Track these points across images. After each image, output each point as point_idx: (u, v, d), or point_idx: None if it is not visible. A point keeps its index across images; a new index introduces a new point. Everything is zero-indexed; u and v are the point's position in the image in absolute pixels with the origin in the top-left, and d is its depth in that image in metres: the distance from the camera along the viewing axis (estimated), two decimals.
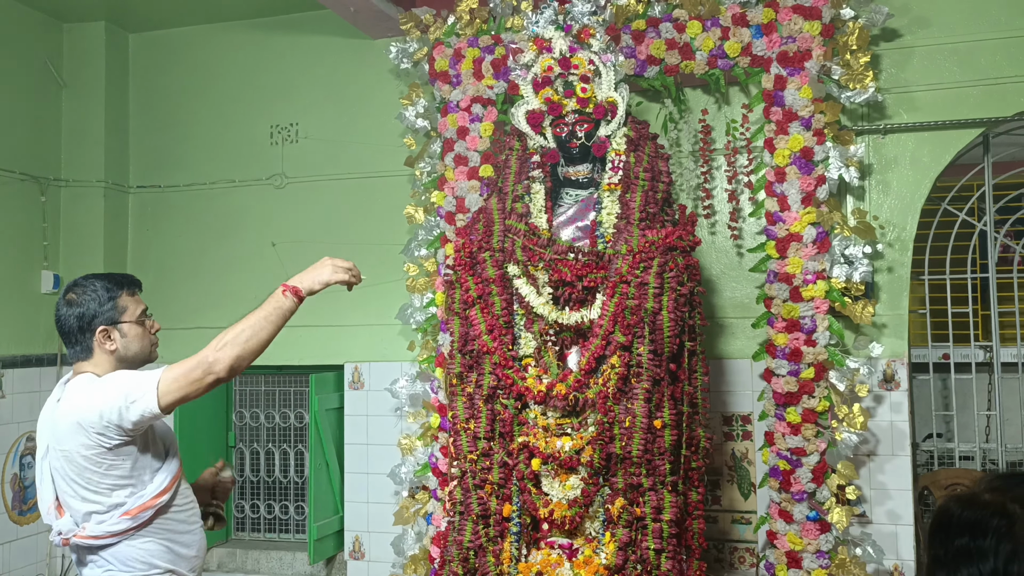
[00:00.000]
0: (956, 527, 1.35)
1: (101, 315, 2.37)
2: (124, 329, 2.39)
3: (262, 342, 2.31)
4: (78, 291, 2.39)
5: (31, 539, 4.62)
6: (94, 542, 2.31)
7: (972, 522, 1.34)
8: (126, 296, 2.42)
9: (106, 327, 2.37)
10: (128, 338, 2.40)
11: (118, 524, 2.30)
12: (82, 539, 2.31)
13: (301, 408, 4.93)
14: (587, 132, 3.46)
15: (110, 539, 2.31)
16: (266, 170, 4.82)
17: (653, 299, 3.12)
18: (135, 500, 2.31)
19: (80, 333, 2.37)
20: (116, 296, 2.40)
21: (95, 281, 2.41)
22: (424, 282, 4.19)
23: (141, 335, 2.43)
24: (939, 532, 1.38)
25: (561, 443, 3.16)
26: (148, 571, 2.35)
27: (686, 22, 3.85)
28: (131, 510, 2.30)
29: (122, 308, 2.40)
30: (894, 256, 3.86)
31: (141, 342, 2.43)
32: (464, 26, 4.16)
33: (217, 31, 4.95)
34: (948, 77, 3.82)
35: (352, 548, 4.53)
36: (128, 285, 2.45)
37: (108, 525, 2.30)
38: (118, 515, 2.30)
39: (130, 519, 2.30)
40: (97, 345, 2.37)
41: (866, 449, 3.82)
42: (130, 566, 2.33)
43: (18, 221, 4.68)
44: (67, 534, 2.32)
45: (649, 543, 3.03)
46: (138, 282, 2.50)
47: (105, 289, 2.40)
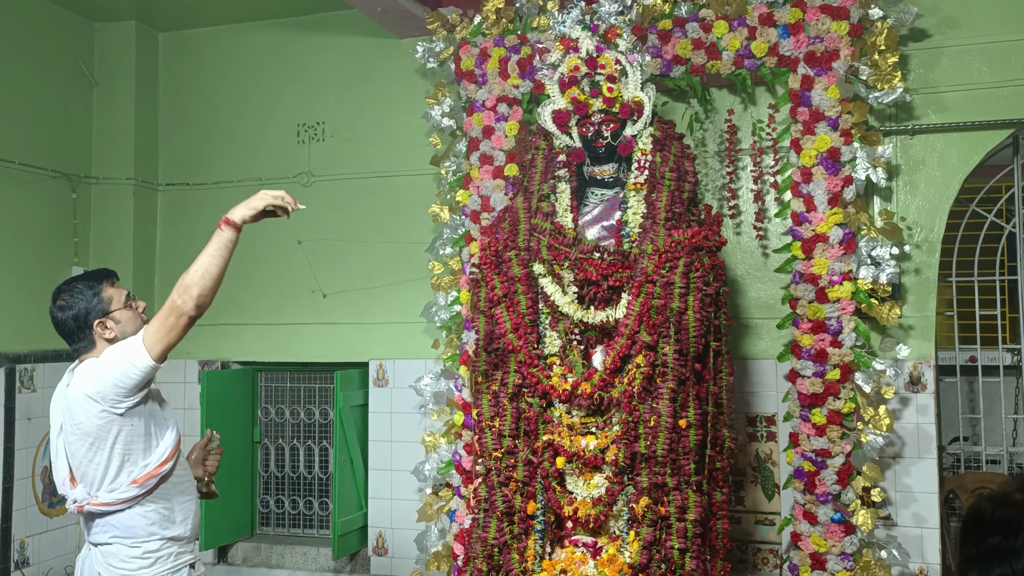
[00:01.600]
0: (988, 526, 1.36)
1: (93, 310, 2.62)
2: (116, 316, 2.64)
3: (215, 276, 2.49)
4: (66, 296, 2.64)
5: (60, 531, 4.68)
6: (106, 509, 2.56)
7: (1004, 521, 1.35)
8: (108, 288, 2.66)
9: (101, 319, 2.62)
10: (122, 323, 2.64)
11: (127, 492, 2.55)
12: (95, 506, 2.56)
13: (326, 405, 4.96)
14: (613, 132, 3.46)
15: (119, 506, 2.56)
16: (293, 168, 4.86)
17: (679, 299, 3.12)
18: (141, 469, 2.56)
19: (80, 331, 2.62)
20: (99, 291, 2.64)
21: (76, 283, 2.66)
22: (449, 280, 4.21)
23: (132, 317, 2.67)
24: (971, 531, 1.38)
25: (586, 442, 3.17)
26: (148, 538, 2.59)
27: (712, 22, 3.84)
28: (138, 478, 2.56)
29: (108, 299, 2.64)
30: (921, 257, 3.84)
31: (135, 323, 2.66)
32: (490, 26, 4.17)
33: (245, 30, 5.00)
34: (977, 78, 3.79)
35: (376, 544, 4.56)
36: (106, 277, 2.69)
37: (118, 493, 2.55)
38: (127, 483, 2.55)
39: (138, 487, 2.55)
40: (97, 337, 2.62)
41: (892, 451, 3.80)
42: (133, 532, 2.58)
43: (49, 217, 4.75)
44: (81, 502, 2.57)
45: (673, 542, 3.03)
46: (114, 272, 2.73)
47: (88, 287, 2.64)
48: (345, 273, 4.74)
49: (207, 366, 4.92)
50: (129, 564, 2.58)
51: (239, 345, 4.90)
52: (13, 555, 4.39)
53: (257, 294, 4.86)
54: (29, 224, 4.62)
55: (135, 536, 2.58)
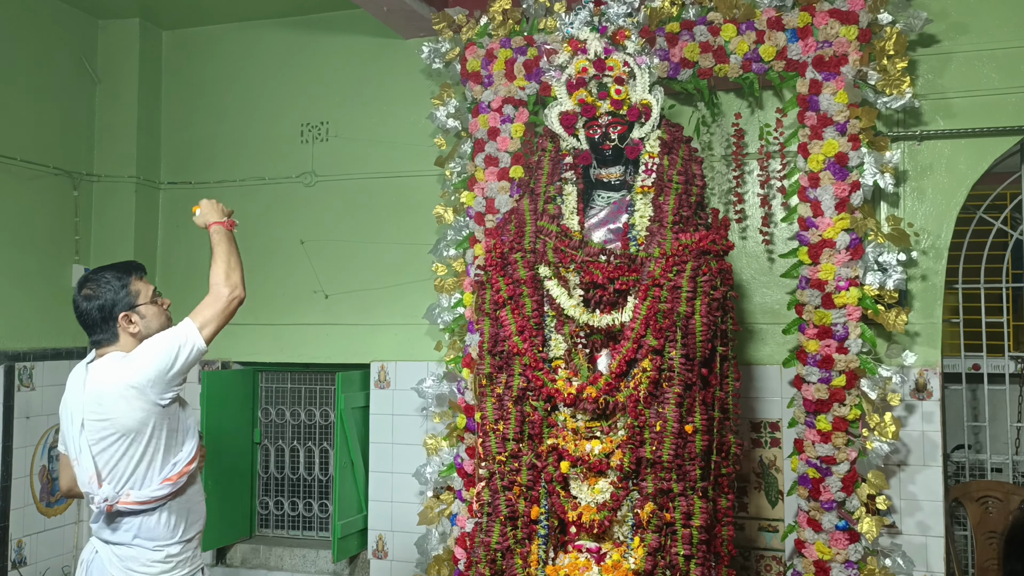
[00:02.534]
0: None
1: (120, 303, 2.59)
2: (142, 311, 2.62)
3: (240, 260, 2.68)
4: (93, 285, 2.60)
5: (58, 530, 4.65)
6: (136, 507, 2.52)
7: None
8: (136, 281, 2.64)
9: (127, 312, 2.59)
10: (147, 318, 2.62)
11: (160, 490, 2.53)
12: (125, 504, 2.51)
13: (327, 406, 4.94)
14: (620, 134, 3.44)
15: (151, 504, 2.52)
16: (296, 168, 4.83)
17: (686, 303, 3.10)
18: (172, 467, 2.55)
19: (104, 323, 2.58)
20: (128, 283, 2.62)
21: (104, 273, 2.63)
22: (452, 282, 4.19)
23: (157, 313, 2.66)
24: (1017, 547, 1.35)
25: (591, 446, 3.14)
26: (170, 542, 2.57)
27: (720, 25, 3.82)
28: (171, 476, 2.54)
29: (135, 292, 2.62)
30: (928, 264, 3.82)
31: (159, 319, 2.65)
32: (497, 27, 4.15)
33: (250, 29, 4.98)
34: (986, 84, 3.78)
35: (376, 547, 4.53)
36: (135, 270, 2.67)
37: (151, 491, 2.52)
38: (159, 481, 2.53)
39: (171, 484, 2.54)
40: (121, 330, 2.59)
41: (897, 459, 3.78)
42: (156, 535, 2.55)
43: (50, 215, 4.72)
44: (111, 500, 2.50)
45: (679, 549, 3.00)
46: (142, 266, 2.71)
47: (117, 278, 2.61)
48: (348, 274, 4.71)
49: (207, 366, 4.89)
50: (151, 568, 2.55)
51: (240, 345, 4.87)
52: (10, 554, 4.36)
53: (259, 294, 4.81)
54: (30, 221, 4.60)
55: (157, 539, 2.55)
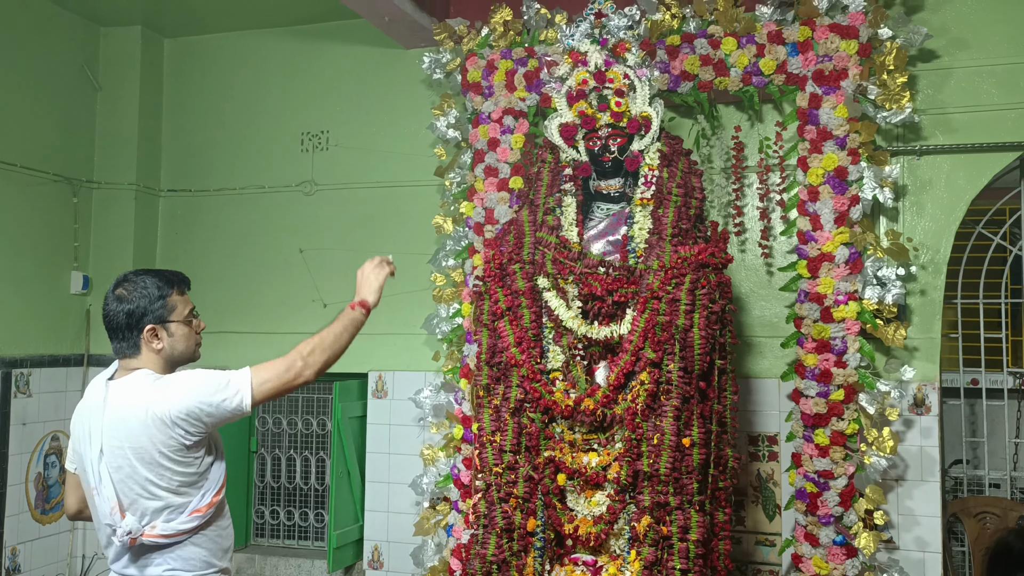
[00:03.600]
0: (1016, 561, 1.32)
1: (151, 313, 2.36)
2: (172, 328, 2.39)
3: (341, 350, 2.46)
4: (129, 287, 2.38)
5: (53, 538, 4.63)
6: (163, 540, 2.30)
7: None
8: (176, 295, 2.42)
9: (154, 326, 2.36)
10: (175, 338, 2.40)
11: (189, 522, 2.31)
12: (150, 538, 2.29)
13: (324, 415, 4.92)
14: (620, 146, 3.44)
15: (179, 537, 2.30)
16: (296, 177, 4.83)
17: (684, 316, 3.10)
18: (202, 499, 2.33)
19: (128, 330, 2.36)
20: (167, 295, 2.39)
21: (146, 278, 2.40)
22: (451, 292, 4.19)
23: (187, 335, 2.43)
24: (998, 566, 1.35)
25: (588, 459, 3.14)
26: (206, 570, 2.36)
27: (721, 38, 3.83)
28: (200, 507, 2.32)
29: (171, 307, 2.40)
30: (927, 279, 3.82)
31: (187, 342, 2.44)
32: (498, 38, 4.16)
33: (251, 38, 4.99)
34: (986, 99, 3.78)
35: (371, 557, 4.51)
36: (178, 284, 2.45)
37: (179, 523, 2.30)
38: (187, 514, 2.31)
39: (200, 516, 2.32)
40: (144, 343, 2.37)
41: (895, 474, 3.77)
42: (193, 565, 2.34)
43: (50, 221, 4.72)
44: (135, 533, 2.28)
45: (675, 563, 2.99)
46: (187, 280, 2.51)
47: (156, 287, 2.39)
48: (346, 283, 4.64)
49: None
50: None
51: (238, 353, 4.84)
52: (4, 562, 4.34)
53: (258, 302, 4.83)
54: (29, 228, 4.59)
55: (195, 569, 2.34)
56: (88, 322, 4.86)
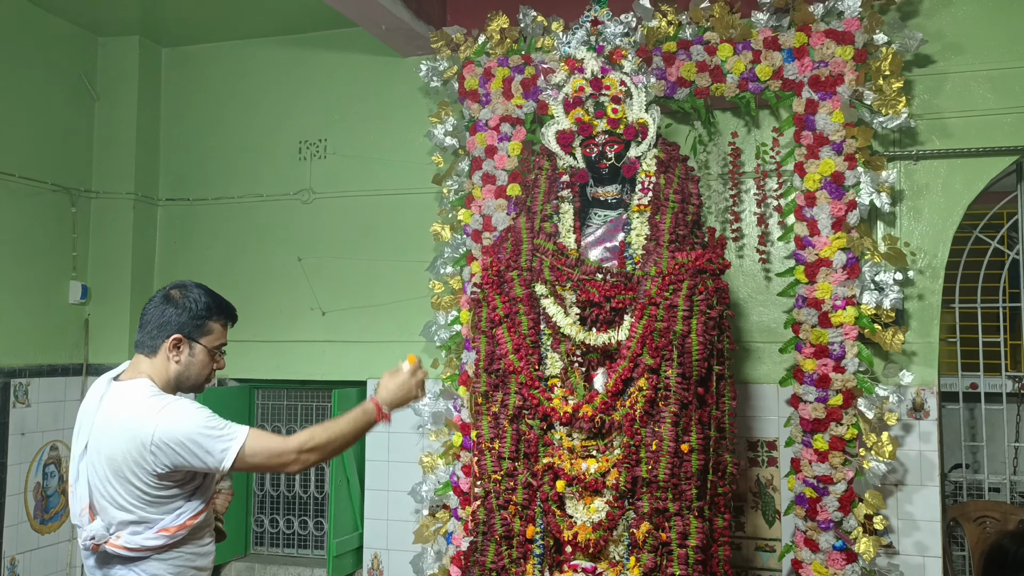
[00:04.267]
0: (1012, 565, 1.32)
1: (186, 325, 2.36)
2: (196, 350, 2.38)
3: (340, 451, 2.41)
4: (182, 292, 2.39)
5: (52, 548, 4.62)
6: (126, 553, 2.25)
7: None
8: (217, 323, 2.42)
9: (181, 337, 2.35)
10: (194, 360, 2.38)
11: (155, 540, 2.26)
12: (113, 547, 2.25)
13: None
14: (617, 153, 3.45)
15: (143, 553, 2.26)
16: (294, 185, 4.84)
17: (682, 322, 3.10)
18: (174, 519, 2.29)
19: (158, 329, 2.35)
20: (210, 317, 2.39)
21: (202, 294, 2.41)
22: (449, 300, 4.19)
23: (206, 364, 2.41)
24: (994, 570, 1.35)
25: (586, 465, 3.13)
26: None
27: (717, 45, 3.84)
28: (169, 528, 2.28)
29: (207, 331, 2.39)
30: (925, 283, 3.82)
31: (202, 370, 2.41)
32: (494, 45, 4.17)
33: (249, 47, 5.00)
34: (981, 104, 3.79)
35: (371, 566, 4.50)
36: (227, 315, 2.46)
37: (143, 539, 2.26)
38: (155, 531, 2.26)
39: (167, 536, 2.27)
40: (164, 350, 2.35)
41: (894, 478, 3.77)
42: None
43: (48, 231, 4.72)
44: (99, 540, 2.25)
45: (675, 569, 2.99)
46: (236, 316, 2.50)
47: (206, 306, 2.39)
48: (345, 291, 4.71)
49: None
50: None
51: (236, 362, 4.82)
52: (4, 572, 4.33)
53: (256, 311, 4.82)
54: (28, 237, 4.60)
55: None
56: (87, 331, 4.86)
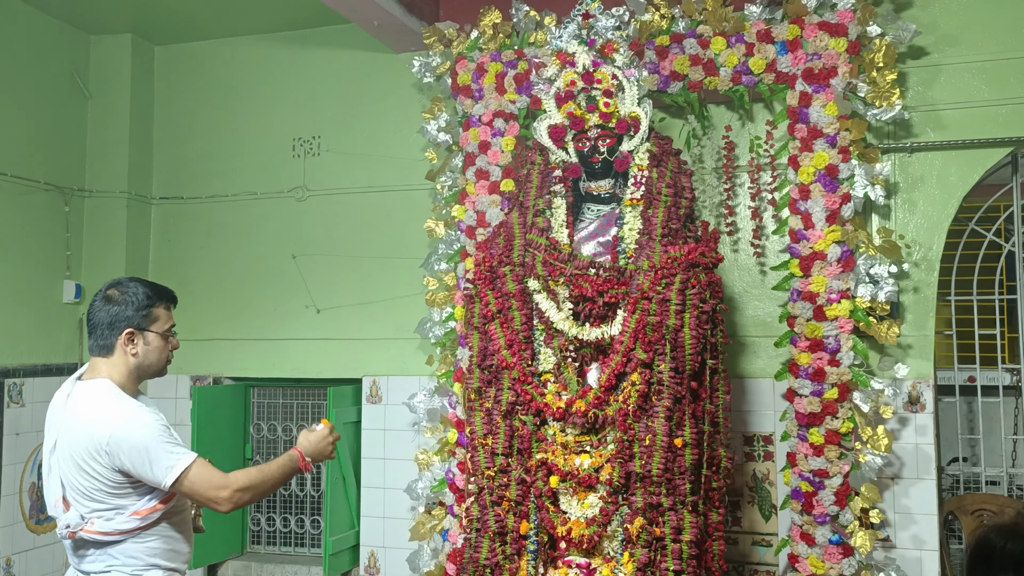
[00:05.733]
0: (999, 560, 1.30)
1: (133, 318, 2.47)
2: (149, 338, 2.50)
3: (267, 494, 2.61)
4: (120, 290, 2.50)
5: (48, 548, 4.62)
6: (101, 538, 2.38)
7: (1017, 555, 1.28)
8: (161, 308, 2.54)
9: (133, 331, 2.47)
10: (150, 347, 2.51)
11: (127, 523, 2.38)
12: (89, 533, 2.38)
13: (319, 421, 4.90)
14: (609, 147, 3.43)
15: (117, 536, 2.38)
16: (288, 183, 4.83)
17: (675, 316, 3.09)
18: (145, 503, 2.40)
19: (108, 329, 2.46)
20: (153, 305, 2.51)
21: (137, 285, 2.53)
22: (444, 296, 4.18)
23: (162, 348, 2.54)
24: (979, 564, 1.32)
25: (580, 461, 3.12)
26: (149, 569, 2.43)
27: (710, 38, 3.83)
28: (141, 511, 2.39)
29: (154, 318, 2.51)
30: (920, 276, 3.80)
31: (160, 355, 2.54)
32: (487, 41, 4.16)
33: (241, 44, 4.99)
34: (976, 96, 3.77)
35: (368, 563, 4.50)
36: (166, 299, 2.57)
37: (117, 523, 2.38)
38: (127, 514, 2.38)
39: (139, 519, 2.39)
40: (120, 346, 2.47)
41: (890, 472, 3.76)
42: (131, 564, 2.41)
43: (41, 230, 4.71)
44: (74, 528, 2.38)
45: (668, 564, 2.98)
46: (175, 298, 2.62)
47: (145, 295, 2.51)
48: (339, 288, 4.70)
49: (199, 381, 4.87)
50: None
51: (231, 360, 4.85)
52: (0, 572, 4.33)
53: (250, 309, 4.82)
54: (21, 237, 4.58)
55: (134, 566, 2.40)
56: (81, 331, 4.85)
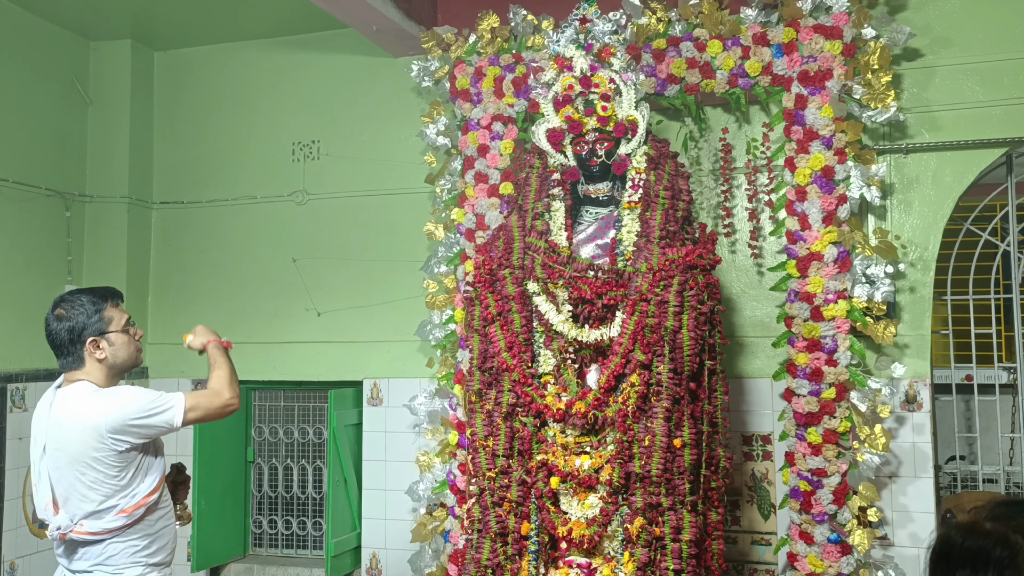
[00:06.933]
0: (958, 557, 1.31)
1: (90, 327, 2.58)
2: (111, 339, 2.61)
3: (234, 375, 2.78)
4: (66, 306, 2.60)
5: (51, 552, 4.60)
6: (90, 538, 2.52)
7: (974, 552, 1.30)
8: (111, 308, 2.64)
9: (95, 338, 2.59)
10: (116, 347, 2.62)
11: (115, 521, 2.52)
12: (79, 534, 2.51)
13: (320, 424, 4.94)
14: (607, 150, 3.46)
15: (105, 535, 2.52)
16: (288, 187, 4.85)
17: (673, 317, 3.11)
18: (130, 500, 2.54)
19: (71, 345, 2.58)
20: (102, 308, 2.61)
21: (81, 296, 2.63)
22: (443, 299, 4.20)
23: (127, 343, 2.65)
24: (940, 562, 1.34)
25: (580, 461, 3.15)
26: (131, 566, 2.56)
27: (707, 41, 3.85)
28: (126, 508, 2.53)
29: (108, 319, 2.62)
30: (916, 276, 3.83)
31: (127, 349, 2.65)
32: (485, 45, 4.19)
33: (240, 49, 5.01)
34: (970, 97, 3.80)
35: (369, 565, 4.52)
36: (111, 297, 2.67)
37: (105, 522, 2.51)
38: (114, 513, 2.52)
39: (126, 516, 2.53)
40: (87, 355, 2.59)
41: (888, 471, 3.78)
42: (115, 561, 2.54)
43: (43, 236, 4.73)
44: (64, 529, 2.51)
45: (668, 563, 3.00)
46: (120, 294, 2.72)
47: (91, 303, 2.61)
48: (339, 291, 4.72)
49: (200, 385, 4.89)
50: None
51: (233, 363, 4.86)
52: None
53: (251, 312, 4.84)
54: (22, 242, 4.61)
55: (117, 564, 2.55)
56: None
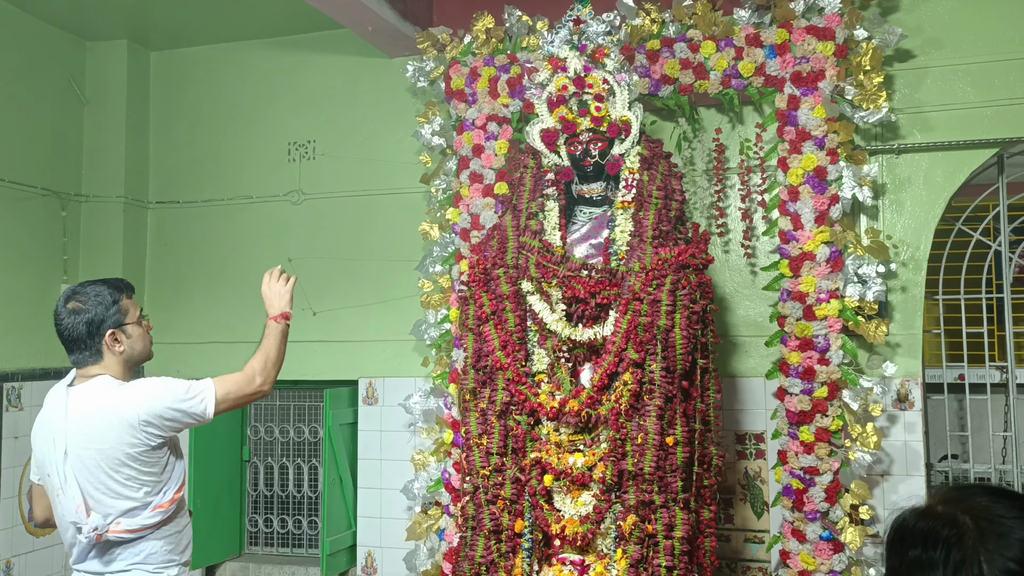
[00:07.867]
0: (910, 538, 1.38)
1: (109, 319, 2.50)
2: (129, 331, 2.55)
3: (282, 361, 2.75)
4: (81, 299, 2.50)
5: (47, 551, 4.65)
6: (128, 536, 2.45)
7: (925, 532, 1.36)
8: (126, 299, 2.57)
9: (114, 330, 2.51)
10: (133, 339, 2.56)
11: (152, 518, 2.46)
12: (115, 533, 2.44)
13: (315, 423, 4.95)
14: (601, 150, 3.48)
15: (143, 532, 2.46)
16: (283, 187, 4.87)
17: (666, 316, 3.14)
18: (164, 496, 2.49)
19: (90, 338, 2.48)
20: (118, 300, 2.54)
21: (96, 287, 2.54)
22: (438, 298, 4.22)
23: (142, 335, 2.60)
24: (895, 543, 1.41)
25: (573, 459, 3.17)
26: (168, 565, 2.51)
27: (700, 42, 3.88)
28: (162, 504, 2.48)
29: (124, 311, 2.55)
30: (908, 275, 3.86)
31: (143, 342, 2.60)
32: (480, 45, 4.21)
33: (236, 50, 5.03)
34: (962, 97, 3.83)
35: (365, 563, 4.54)
36: (126, 289, 2.60)
37: (142, 519, 2.45)
38: (151, 509, 2.46)
39: (162, 512, 2.48)
40: (106, 348, 2.50)
41: (880, 469, 3.81)
42: (154, 560, 2.48)
43: (39, 235, 4.74)
44: (101, 529, 2.42)
45: (661, 560, 3.02)
46: (132, 286, 2.66)
47: (109, 294, 2.53)
48: (335, 291, 4.74)
49: None
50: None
51: (228, 362, 4.85)
52: None
53: (246, 311, 4.85)
54: (18, 242, 4.62)
55: (156, 563, 2.49)
56: None
